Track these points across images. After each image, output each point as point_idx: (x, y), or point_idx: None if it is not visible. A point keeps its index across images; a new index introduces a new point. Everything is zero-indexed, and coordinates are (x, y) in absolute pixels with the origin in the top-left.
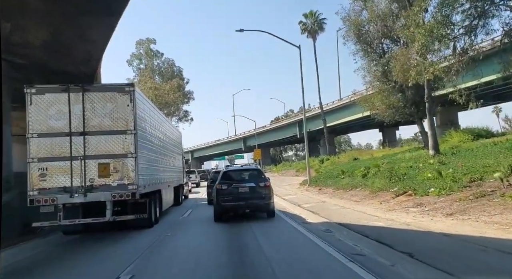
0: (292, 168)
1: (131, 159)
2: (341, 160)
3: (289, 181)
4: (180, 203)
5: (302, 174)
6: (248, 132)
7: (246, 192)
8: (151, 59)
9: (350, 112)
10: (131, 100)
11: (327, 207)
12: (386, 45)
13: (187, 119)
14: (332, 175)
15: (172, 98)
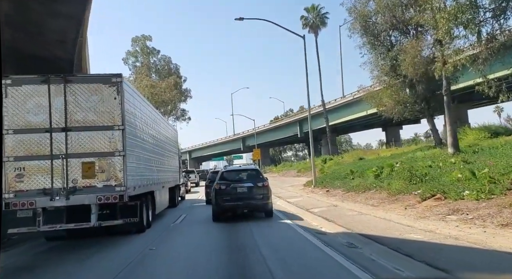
0: (292, 168)
1: (119, 157)
2: (345, 159)
3: (291, 182)
4: (176, 204)
5: (304, 174)
6: (247, 132)
7: (245, 192)
8: (147, 56)
9: (353, 110)
10: (119, 92)
11: (341, 212)
12: (395, 38)
13: (185, 118)
14: (340, 175)
15: (169, 96)
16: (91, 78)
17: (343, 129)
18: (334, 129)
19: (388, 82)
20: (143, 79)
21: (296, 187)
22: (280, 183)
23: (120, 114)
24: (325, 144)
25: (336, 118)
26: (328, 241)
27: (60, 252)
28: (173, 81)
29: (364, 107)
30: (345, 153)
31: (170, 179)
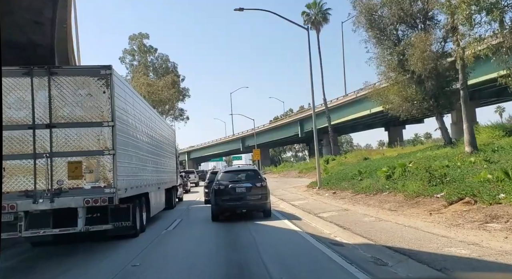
0: (293, 169)
1: (108, 156)
2: (349, 160)
3: (293, 183)
4: (173, 206)
5: (305, 175)
6: (247, 132)
7: (243, 192)
8: (144, 55)
9: (356, 109)
10: (108, 86)
11: (356, 218)
12: (402, 32)
13: (183, 118)
14: (346, 176)
15: (166, 95)
16: (78, 70)
17: (344, 129)
18: (335, 129)
19: (395, 79)
20: (140, 78)
21: (299, 188)
22: (282, 184)
23: (109, 110)
24: (326, 144)
25: (338, 118)
26: (349, 256)
27: (38, 261)
28: (171, 79)
29: (368, 106)
30: (347, 153)
31: (166, 180)
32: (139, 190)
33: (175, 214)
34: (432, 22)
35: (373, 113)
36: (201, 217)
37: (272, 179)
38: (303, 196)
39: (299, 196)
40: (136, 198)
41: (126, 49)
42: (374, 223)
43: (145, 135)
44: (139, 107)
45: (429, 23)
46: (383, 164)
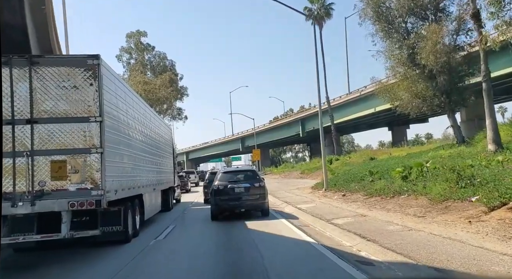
0: (294, 170)
1: (96, 155)
2: (353, 160)
3: (296, 184)
4: (171, 208)
5: (308, 176)
6: (247, 132)
7: (242, 192)
8: (141, 53)
9: (360, 108)
10: (96, 77)
11: (377, 225)
12: (411, 24)
13: (181, 117)
14: (355, 177)
15: (164, 94)
16: (62, 60)
17: (347, 128)
18: (337, 128)
19: (405, 73)
20: (136, 76)
21: (303, 190)
22: (284, 185)
23: (97, 104)
24: (328, 144)
25: (341, 117)
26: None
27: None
28: (168, 77)
29: (372, 104)
30: (351, 153)
31: (163, 180)
32: (132, 191)
33: (171, 217)
34: (444, 13)
35: (377, 112)
36: (199, 221)
37: (273, 180)
38: (310, 199)
39: (305, 198)
40: (129, 200)
41: (123, 47)
42: (404, 233)
43: (139, 133)
44: (132, 103)
45: (440, 15)
46: (394, 164)
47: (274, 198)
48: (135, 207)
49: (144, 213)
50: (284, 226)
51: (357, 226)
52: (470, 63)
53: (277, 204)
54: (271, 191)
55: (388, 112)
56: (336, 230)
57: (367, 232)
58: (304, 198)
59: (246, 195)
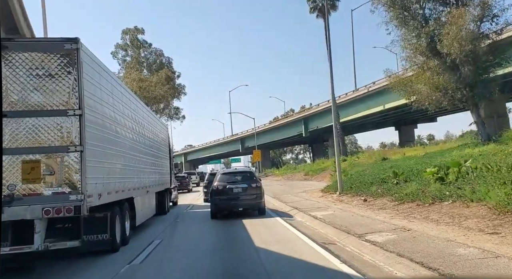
0: (297, 171)
1: (75, 153)
2: (362, 160)
3: (302, 187)
4: (166, 211)
5: (313, 177)
6: (247, 132)
7: (240, 192)
8: (137, 49)
9: (368, 105)
10: (75, 64)
11: (438, 247)
12: (429, 10)
13: (178, 117)
14: (374, 179)
15: (160, 92)
16: (36, 44)
17: (352, 128)
18: (342, 128)
19: (424, 64)
20: (132, 73)
21: (312, 193)
22: (289, 188)
23: (76, 95)
24: (332, 144)
25: (347, 115)
26: None
27: None
28: (165, 75)
29: (381, 101)
30: (359, 154)
31: (158, 182)
32: (120, 195)
33: (162, 225)
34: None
35: (386, 110)
36: (195, 229)
37: (276, 182)
38: (324, 204)
39: (317, 203)
40: (117, 205)
41: (119, 44)
42: (491, 263)
43: (130, 131)
44: (121, 97)
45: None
46: (415, 164)
47: (280, 203)
48: (124, 211)
49: (135, 218)
50: (303, 243)
51: (407, 247)
52: (496, 53)
53: (285, 210)
54: (275, 195)
55: (397, 110)
56: (378, 253)
57: (429, 258)
58: (316, 203)
59: (244, 194)
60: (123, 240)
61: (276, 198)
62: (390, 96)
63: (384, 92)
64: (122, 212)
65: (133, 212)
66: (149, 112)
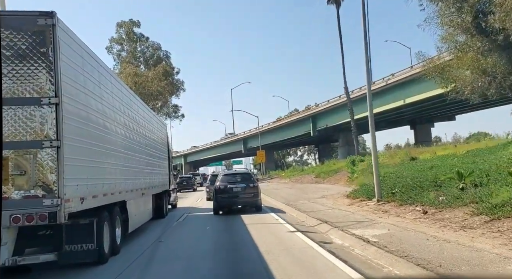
0: (306, 173)
1: (50, 150)
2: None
3: (317, 191)
4: (164, 215)
5: (325, 180)
6: (250, 132)
7: (239, 191)
8: (133, 43)
9: (385, 100)
10: (50, 44)
11: None
12: None
13: (177, 115)
14: (422, 183)
15: (157, 87)
16: (2, 19)
17: (364, 126)
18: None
19: (468, 43)
20: (126, 68)
21: (335, 200)
22: (302, 193)
23: (52, 81)
24: (343, 144)
25: (363, 111)
26: None
27: None
28: (162, 69)
29: (401, 95)
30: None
31: (155, 183)
32: (110, 198)
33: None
34: None
35: (407, 104)
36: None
37: (284, 185)
38: (363, 217)
39: (352, 215)
40: (106, 209)
41: (114, 38)
42: None
43: (122, 126)
44: (111, 87)
45: None
46: (461, 164)
47: (299, 212)
48: (115, 217)
49: (128, 223)
50: None
51: None
52: None
53: (310, 224)
54: (288, 201)
55: (416, 105)
56: None
57: None
58: (350, 214)
59: (243, 193)
60: (113, 249)
61: (290, 206)
62: (412, 89)
63: (405, 85)
64: (112, 217)
65: (126, 217)
66: (146, 108)
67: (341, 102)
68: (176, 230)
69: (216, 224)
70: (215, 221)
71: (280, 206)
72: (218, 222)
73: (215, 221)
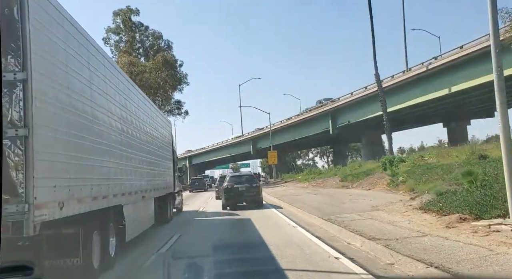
0: (326, 176)
1: (15, 139)
2: (433, 160)
3: (356, 199)
4: (169, 219)
5: (354, 184)
6: (259, 131)
7: (243, 190)
8: (131, 32)
9: (424, 89)
10: (15, 4)
11: None
12: None
13: (181, 112)
14: None
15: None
16: None
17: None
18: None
19: None
20: (122, 57)
21: (402, 215)
22: (337, 201)
23: (19, 51)
24: (367, 144)
25: (396, 103)
26: None
27: None
28: (162, 59)
29: (444, 83)
30: (424, 151)
31: (158, 185)
32: (101, 203)
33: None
34: None
35: (454, 93)
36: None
37: (303, 190)
38: None
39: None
40: (96, 216)
41: (110, 27)
42: None
43: (118, 119)
44: (103, 70)
45: None
46: None
47: (361, 238)
48: (108, 225)
49: (125, 232)
50: None
51: None
52: None
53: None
54: (325, 214)
55: (462, 95)
56: None
57: None
58: (483, 251)
59: (246, 192)
60: (104, 263)
61: (336, 224)
62: (461, 75)
63: (452, 71)
64: (104, 225)
65: (122, 225)
66: (148, 101)
67: (368, 93)
68: (181, 238)
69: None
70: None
71: (318, 222)
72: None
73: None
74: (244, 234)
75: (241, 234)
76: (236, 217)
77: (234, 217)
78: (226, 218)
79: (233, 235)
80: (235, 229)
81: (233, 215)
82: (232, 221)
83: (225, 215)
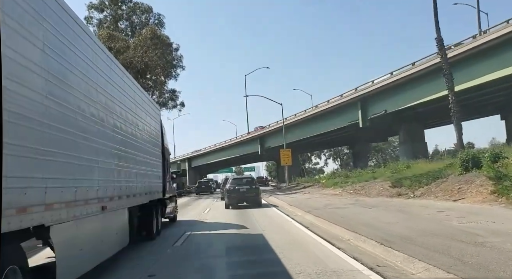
0: (363, 179)
1: None
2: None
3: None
4: (154, 235)
5: (419, 191)
6: (268, 128)
7: (244, 191)
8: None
9: (502, 61)
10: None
11: None
12: None
13: (175, 103)
14: None
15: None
16: None
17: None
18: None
19: None
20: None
21: None
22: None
23: None
24: (406, 139)
25: (466, 79)
26: None
27: None
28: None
29: None
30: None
31: (137, 190)
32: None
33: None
34: None
35: None
36: None
37: (338, 199)
38: None
39: None
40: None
41: (92, 3)
42: None
43: (79, 101)
44: (73, 38)
45: None
46: None
47: None
48: (22, 258)
49: (54, 272)
50: None
51: None
52: None
53: None
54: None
55: None
56: None
57: None
58: None
59: (247, 193)
60: None
61: None
62: None
63: None
64: (17, 257)
65: (46, 261)
66: (128, 78)
67: (409, 76)
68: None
69: None
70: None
71: None
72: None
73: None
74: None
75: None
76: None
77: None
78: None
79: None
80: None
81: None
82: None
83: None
